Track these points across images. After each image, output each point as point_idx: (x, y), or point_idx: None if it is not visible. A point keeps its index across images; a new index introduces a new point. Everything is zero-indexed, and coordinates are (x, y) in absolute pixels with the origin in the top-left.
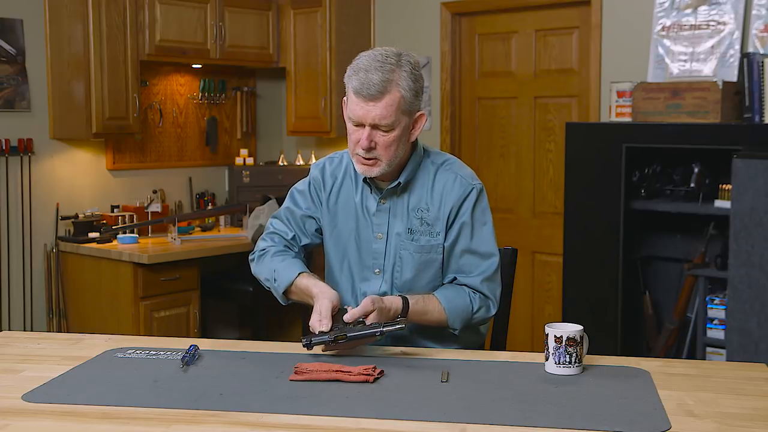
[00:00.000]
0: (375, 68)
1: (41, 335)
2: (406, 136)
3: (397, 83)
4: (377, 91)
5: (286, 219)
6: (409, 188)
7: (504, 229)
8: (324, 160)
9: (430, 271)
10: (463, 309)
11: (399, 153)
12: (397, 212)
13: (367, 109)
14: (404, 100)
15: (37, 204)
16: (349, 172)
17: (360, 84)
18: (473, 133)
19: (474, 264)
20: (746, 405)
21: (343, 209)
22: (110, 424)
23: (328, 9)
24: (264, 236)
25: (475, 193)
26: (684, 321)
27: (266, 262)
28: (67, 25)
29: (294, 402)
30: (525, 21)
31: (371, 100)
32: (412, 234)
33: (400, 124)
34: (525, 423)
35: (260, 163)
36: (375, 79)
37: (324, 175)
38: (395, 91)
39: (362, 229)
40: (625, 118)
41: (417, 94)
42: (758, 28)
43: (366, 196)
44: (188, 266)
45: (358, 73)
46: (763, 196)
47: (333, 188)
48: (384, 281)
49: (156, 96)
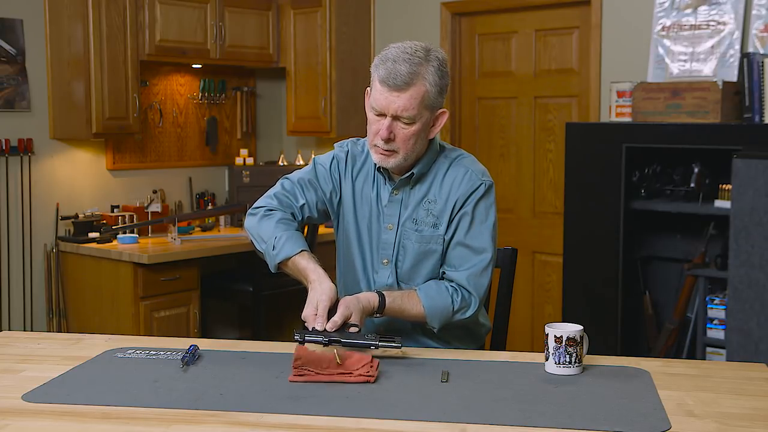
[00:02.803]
0: (403, 60)
1: (41, 335)
2: (426, 131)
3: (423, 77)
4: (403, 82)
5: (300, 186)
6: (422, 181)
7: (504, 229)
8: (348, 141)
9: (430, 262)
10: (443, 308)
11: (417, 148)
12: (409, 204)
13: (391, 99)
14: (428, 94)
15: (37, 204)
16: (369, 160)
17: (387, 73)
18: (473, 133)
19: (464, 258)
20: (746, 405)
21: (361, 195)
22: (110, 424)
23: (328, 9)
24: (272, 194)
25: (482, 189)
26: (684, 321)
27: (269, 224)
28: (67, 25)
29: (294, 402)
30: (525, 21)
31: (396, 90)
32: (416, 224)
33: (422, 118)
34: (525, 423)
35: (260, 163)
36: (402, 70)
37: (348, 157)
38: (421, 85)
39: (374, 219)
40: (625, 118)
41: (441, 91)
42: (758, 28)
43: (380, 186)
44: (188, 266)
45: (386, 63)
46: (763, 196)
47: (354, 171)
48: (391, 272)
49: (156, 96)
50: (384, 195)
